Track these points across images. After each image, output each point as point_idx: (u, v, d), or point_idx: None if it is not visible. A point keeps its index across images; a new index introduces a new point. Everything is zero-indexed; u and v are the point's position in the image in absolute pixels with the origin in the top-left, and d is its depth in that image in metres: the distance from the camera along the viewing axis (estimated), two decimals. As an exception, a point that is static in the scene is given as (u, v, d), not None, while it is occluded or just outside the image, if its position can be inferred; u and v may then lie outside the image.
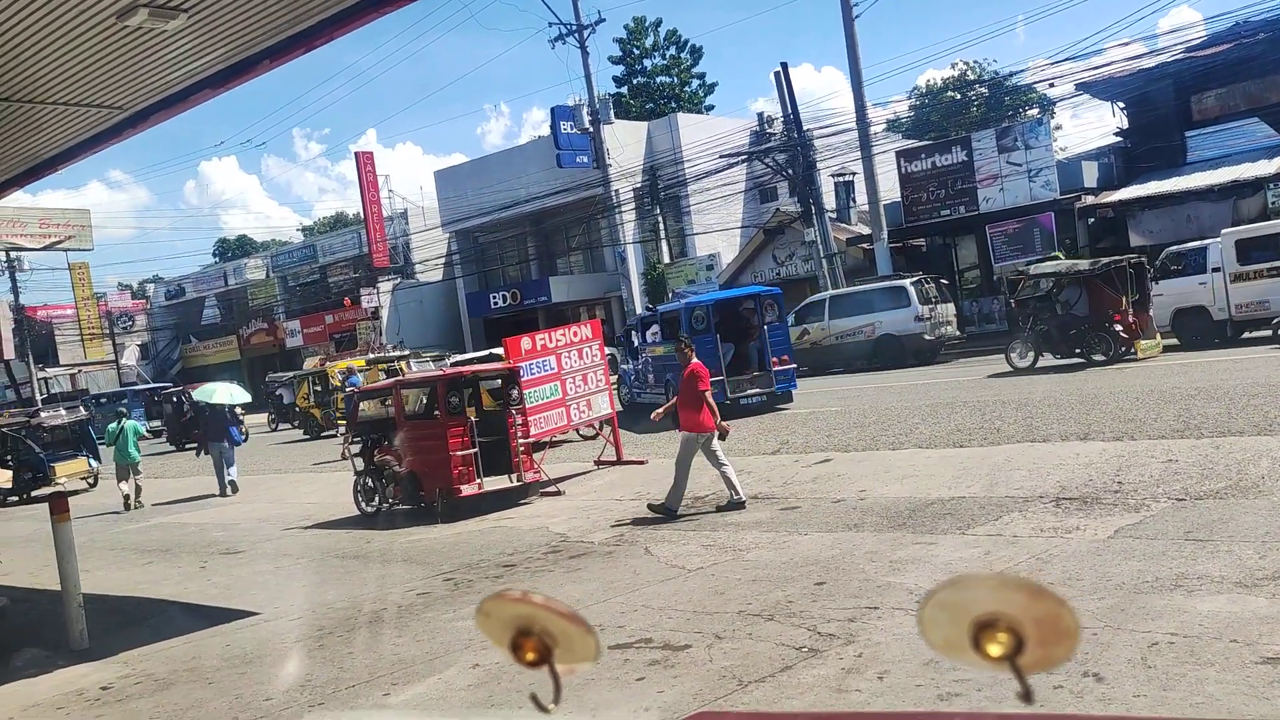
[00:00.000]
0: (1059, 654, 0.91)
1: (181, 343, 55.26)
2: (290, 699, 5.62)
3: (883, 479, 9.77)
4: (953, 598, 0.92)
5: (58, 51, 6.37)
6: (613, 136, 33.99)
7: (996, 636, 0.91)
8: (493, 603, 1.06)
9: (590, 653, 1.04)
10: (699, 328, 16.59)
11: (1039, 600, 0.90)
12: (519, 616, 1.05)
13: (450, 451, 11.18)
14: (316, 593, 8.51)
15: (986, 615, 0.91)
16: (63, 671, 6.80)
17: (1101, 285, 17.64)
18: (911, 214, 29.49)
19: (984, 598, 0.91)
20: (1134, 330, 17.22)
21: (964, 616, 0.92)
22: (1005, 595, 0.90)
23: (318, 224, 75.34)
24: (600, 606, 6.64)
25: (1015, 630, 0.90)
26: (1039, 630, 0.90)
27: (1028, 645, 0.91)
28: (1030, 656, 0.91)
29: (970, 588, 0.92)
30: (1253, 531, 6.33)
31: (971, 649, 0.92)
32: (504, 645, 1.06)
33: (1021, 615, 0.90)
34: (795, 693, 4.65)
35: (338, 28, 6.44)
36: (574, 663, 1.05)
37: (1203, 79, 25.82)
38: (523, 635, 1.05)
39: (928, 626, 0.94)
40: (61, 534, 7.60)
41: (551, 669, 1.05)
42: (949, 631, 0.93)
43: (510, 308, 38.62)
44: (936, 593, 0.93)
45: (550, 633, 1.04)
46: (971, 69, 47.75)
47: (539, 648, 1.05)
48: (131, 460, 16.49)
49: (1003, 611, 0.90)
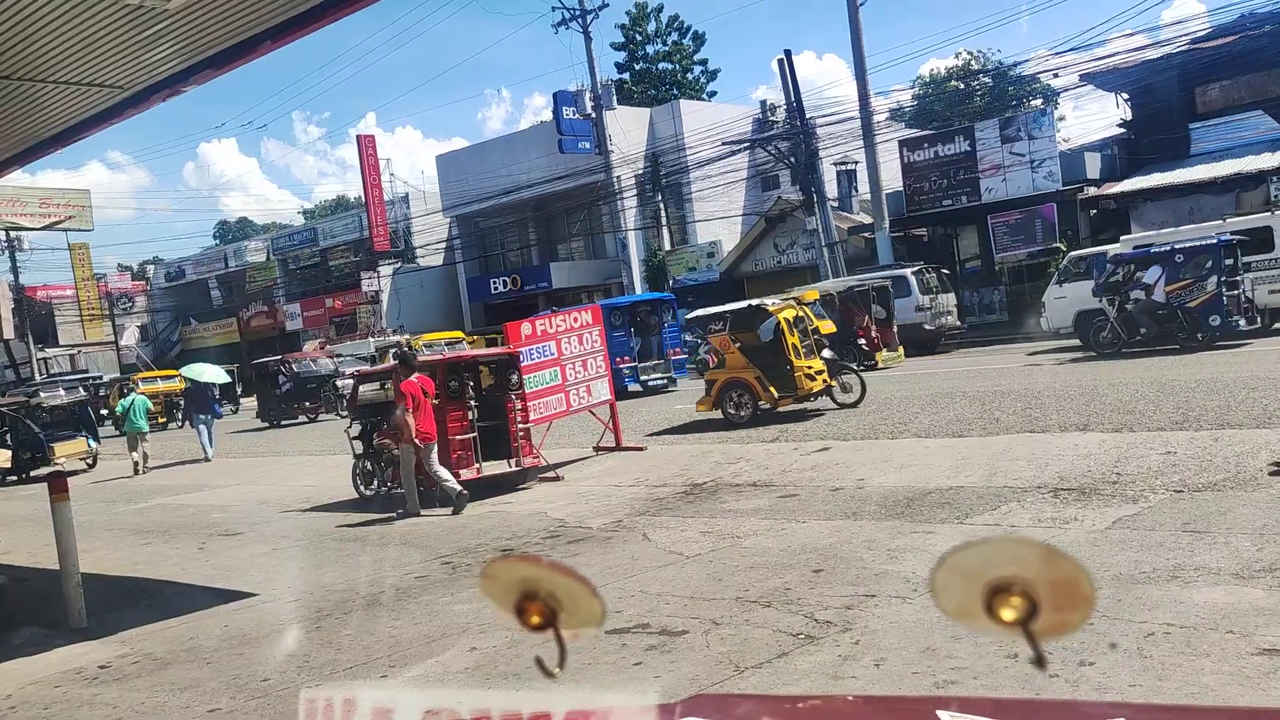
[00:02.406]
0: (1074, 620, 0.89)
1: (181, 324, 55.23)
2: (288, 679, 5.64)
3: (881, 468, 9.78)
4: (967, 561, 0.90)
5: (58, 30, 6.34)
6: (615, 122, 33.90)
7: (1010, 600, 0.89)
8: (498, 565, 1.04)
9: (596, 616, 1.02)
10: (616, 323, 20.14)
11: (1055, 563, 0.87)
12: (524, 579, 1.03)
13: (449, 435, 11.18)
14: (314, 575, 8.53)
15: (1000, 579, 0.89)
16: (61, 650, 6.82)
17: (851, 305, 20.49)
18: (913, 203, 29.45)
19: (999, 560, 0.89)
20: (875, 344, 20.21)
21: (978, 580, 0.89)
22: (1020, 558, 0.88)
23: (319, 207, 75.28)
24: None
25: (1029, 594, 0.88)
26: (1054, 594, 0.88)
27: (1042, 610, 0.89)
28: (1044, 622, 0.89)
29: (985, 550, 0.89)
30: (1250, 523, 6.34)
31: (985, 614, 0.90)
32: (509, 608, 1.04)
33: (1036, 579, 0.88)
34: (792, 679, 4.67)
35: (339, 9, 6.42)
36: (579, 627, 1.04)
37: (1207, 71, 25.74)
38: (527, 599, 1.03)
39: (940, 591, 0.92)
40: (60, 513, 7.61)
41: (556, 633, 1.04)
42: (962, 595, 0.90)
43: (511, 293, 38.58)
44: (950, 556, 0.90)
45: (555, 596, 1.02)
46: (975, 59, 47.60)
47: (544, 611, 1.03)
48: (140, 430, 18.63)
49: (1017, 575, 0.88)
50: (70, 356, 50.07)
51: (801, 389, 13.63)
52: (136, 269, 61.57)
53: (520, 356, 12.04)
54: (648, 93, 49.72)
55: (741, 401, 13.92)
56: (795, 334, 13.86)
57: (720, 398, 14.06)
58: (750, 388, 13.81)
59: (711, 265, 34.34)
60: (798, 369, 13.61)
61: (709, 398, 14.21)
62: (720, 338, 14.32)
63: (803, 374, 13.63)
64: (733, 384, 14.00)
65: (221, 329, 52.49)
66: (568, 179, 35.55)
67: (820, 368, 13.97)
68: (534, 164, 36.54)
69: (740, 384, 13.92)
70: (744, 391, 13.90)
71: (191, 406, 20.31)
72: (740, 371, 13.93)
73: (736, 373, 13.96)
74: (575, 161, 34.81)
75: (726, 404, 14.02)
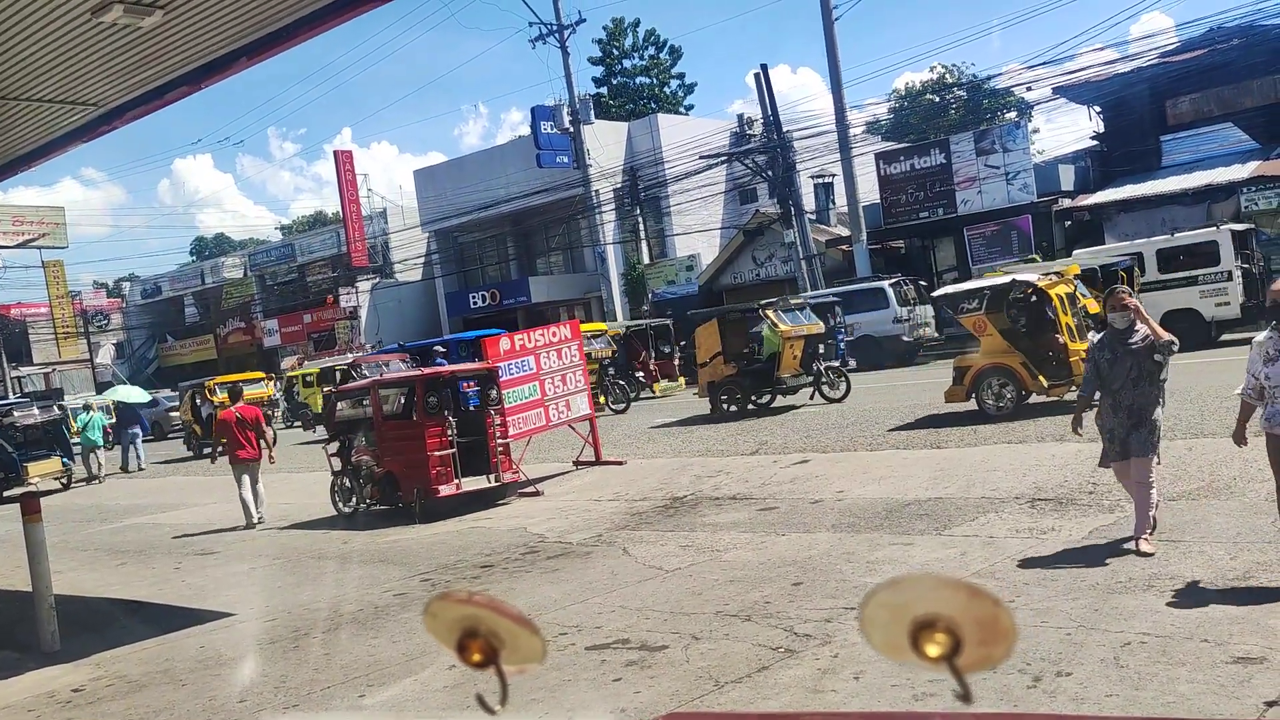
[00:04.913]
0: (997, 654, 0.91)
1: (158, 342, 54.76)
2: (264, 700, 5.58)
3: (860, 480, 9.81)
4: (892, 598, 0.92)
5: (31, 47, 6.30)
6: (593, 137, 33.96)
7: (935, 637, 0.91)
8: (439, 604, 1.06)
9: (537, 653, 1.04)
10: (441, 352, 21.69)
11: (976, 600, 0.89)
12: (464, 618, 1.05)
13: (428, 452, 11.14)
14: (292, 594, 8.45)
15: (925, 616, 0.91)
16: (34, 673, 6.73)
17: (634, 341, 24.04)
18: (890, 216, 29.64)
19: (922, 598, 0.91)
20: (653, 375, 23.89)
21: (903, 617, 0.92)
22: (943, 596, 0.90)
23: (296, 223, 74.92)
24: (578, 607, 6.63)
25: (953, 631, 0.90)
26: (977, 630, 0.90)
27: (965, 645, 0.90)
28: (968, 657, 0.91)
29: (908, 588, 0.92)
30: (1224, 532, 6.40)
31: (911, 649, 0.92)
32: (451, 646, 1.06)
33: (959, 615, 0.90)
34: (771, 693, 4.66)
35: (314, 26, 6.40)
36: (520, 664, 1.05)
37: (1177, 84, 26.10)
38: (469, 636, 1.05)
39: (869, 627, 0.94)
40: (33, 534, 7.51)
41: (498, 669, 1.06)
42: (889, 631, 0.93)
43: (490, 308, 38.50)
44: (876, 593, 0.93)
45: (496, 634, 1.04)
46: (950, 72, 48.06)
47: (485, 649, 1.04)
48: (94, 445, 21.75)
49: (940, 612, 0.90)
50: (45, 375, 49.55)
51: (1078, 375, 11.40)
52: (112, 286, 61.07)
53: (499, 371, 12.02)
54: (625, 107, 49.88)
55: (1002, 391, 12.24)
56: (1069, 313, 12.09)
57: (975, 387, 12.34)
58: (1015, 375, 12.11)
59: (690, 278, 34.40)
60: (1074, 353, 11.58)
61: (960, 387, 12.48)
62: (975, 318, 12.47)
63: (1079, 359, 11.43)
64: (991, 371, 12.28)
65: (199, 345, 52.09)
66: (546, 193, 35.55)
67: None
68: (512, 179, 36.52)
69: (1001, 370, 12.21)
70: (1006, 379, 12.19)
71: (120, 424, 24.05)
72: (1001, 356, 12.19)
73: (996, 358, 12.23)
74: (553, 176, 34.83)
75: (984, 394, 12.31)
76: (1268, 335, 5.54)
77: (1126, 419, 6.31)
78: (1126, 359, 6.29)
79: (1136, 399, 6.28)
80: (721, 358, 16.78)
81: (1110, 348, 6.39)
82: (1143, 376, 6.29)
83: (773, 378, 16.40)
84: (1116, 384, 6.34)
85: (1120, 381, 6.32)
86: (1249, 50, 24.56)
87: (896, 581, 0.92)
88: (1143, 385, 6.30)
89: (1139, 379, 6.29)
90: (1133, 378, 6.28)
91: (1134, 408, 6.28)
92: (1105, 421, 6.50)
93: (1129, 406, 6.29)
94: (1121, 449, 6.34)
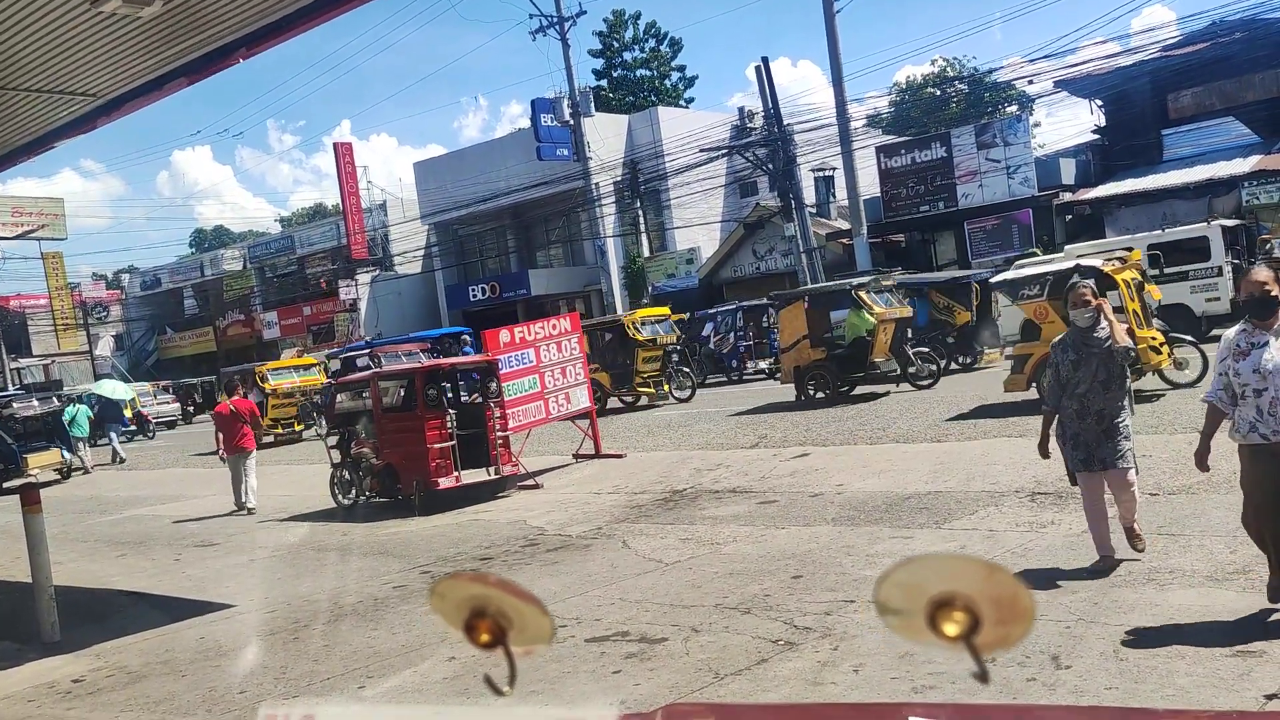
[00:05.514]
0: (1015, 634, 0.90)
1: (157, 334, 54.74)
2: (264, 691, 5.59)
3: (860, 473, 9.81)
4: (908, 577, 0.91)
5: (29, 37, 6.28)
6: (593, 129, 33.90)
7: (953, 616, 0.89)
8: (447, 584, 1.04)
9: (545, 634, 1.02)
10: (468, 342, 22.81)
11: (995, 579, 0.88)
12: (473, 597, 1.03)
13: (428, 444, 11.13)
14: (292, 585, 8.46)
15: (942, 595, 0.89)
16: (34, 664, 6.73)
17: None
18: (891, 209, 29.63)
19: (939, 577, 0.89)
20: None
21: (920, 596, 0.90)
22: (961, 574, 0.89)
23: (295, 215, 74.88)
24: (578, 599, 6.63)
25: (971, 610, 0.89)
26: (995, 610, 0.89)
27: (983, 625, 0.89)
28: (986, 636, 0.90)
29: (925, 567, 0.90)
30: (1223, 526, 6.38)
31: (928, 629, 0.90)
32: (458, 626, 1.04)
33: (977, 594, 0.88)
34: (771, 685, 4.67)
35: (314, 16, 6.38)
36: (528, 644, 1.04)
37: (1179, 77, 26.08)
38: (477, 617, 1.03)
39: (884, 606, 0.93)
40: (33, 525, 7.50)
41: (506, 650, 1.04)
42: (905, 611, 0.91)
43: (489, 300, 38.48)
44: (892, 573, 0.91)
45: (504, 614, 1.02)
46: (951, 66, 47.96)
47: (493, 629, 1.03)
48: (83, 435, 22.27)
49: (958, 591, 0.89)
50: (44, 367, 49.52)
51: (1147, 364, 11.37)
52: (111, 278, 61.02)
53: (499, 364, 12.02)
54: (626, 99, 49.79)
55: None
56: (1137, 300, 11.71)
57: (1038, 374, 11.56)
58: None
59: (690, 271, 34.38)
60: (1142, 341, 11.12)
61: (1021, 375, 12.09)
62: (1036, 305, 12.09)
63: (1148, 347, 11.29)
64: None
65: (198, 338, 52.07)
66: (546, 186, 35.51)
67: (1160, 339, 11.83)
68: (512, 171, 36.47)
69: None
70: None
71: (104, 417, 24.35)
72: None
73: None
74: (553, 169, 34.78)
75: None
76: (1239, 329, 4.89)
77: (1096, 424, 5.74)
78: (1093, 360, 5.76)
79: (1107, 403, 5.74)
80: (808, 341, 16.03)
81: (1075, 348, 5.83)
82: (1112, 379, 5.79)
83: (865, 363, 15.55)
84: (1082, 387, 5.76)
85: (1086, 384, 5.75)
86: (1251, 44, 24.52)
87: (913, 560, 0.90)
88: (1113, 389, 5.78)
89: (1108, 381, 5.77)
90: (1101, 380, 5.75)
91: (1104, 413, 5.73)
92: (1069, 428, 5.86)
93: (1099, 411, 5.74)
94: (1089, 457, 5.78)
